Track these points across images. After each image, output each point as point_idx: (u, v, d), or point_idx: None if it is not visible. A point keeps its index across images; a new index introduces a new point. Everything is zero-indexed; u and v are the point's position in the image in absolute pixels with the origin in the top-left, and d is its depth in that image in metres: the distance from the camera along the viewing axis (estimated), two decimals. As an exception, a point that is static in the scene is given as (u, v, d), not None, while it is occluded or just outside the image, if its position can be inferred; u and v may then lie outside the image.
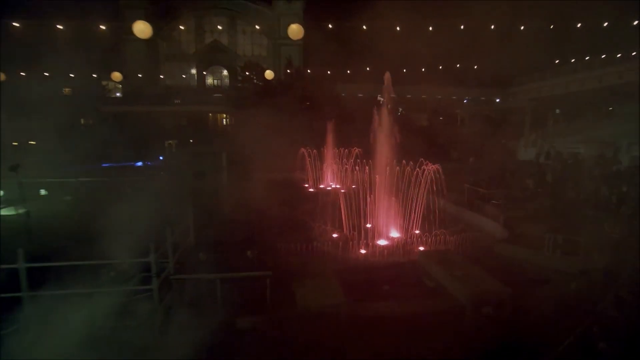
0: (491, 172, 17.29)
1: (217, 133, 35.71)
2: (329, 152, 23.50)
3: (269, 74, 21.96)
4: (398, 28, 31.98)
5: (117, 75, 19.97)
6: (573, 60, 25.38)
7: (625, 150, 21.39)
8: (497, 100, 38.72)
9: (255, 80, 38.88)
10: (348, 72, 42.09)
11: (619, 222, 10.30)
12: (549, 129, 28.12)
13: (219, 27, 49.49)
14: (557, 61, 26.19)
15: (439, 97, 49.10)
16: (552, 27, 21.76)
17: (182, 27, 46.80)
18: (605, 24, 21.15)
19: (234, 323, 6.57)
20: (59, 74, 24.60)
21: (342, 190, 18.66)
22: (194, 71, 50.70)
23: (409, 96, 43.21)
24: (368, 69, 39.18)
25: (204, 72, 49.23)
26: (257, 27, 48.88)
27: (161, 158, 26.68)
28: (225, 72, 51.10)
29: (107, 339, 6.08)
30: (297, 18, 45.53)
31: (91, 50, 27.90)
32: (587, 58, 24.26)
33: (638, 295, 7.42)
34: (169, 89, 43.68)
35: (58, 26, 21.43)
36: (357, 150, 24.09)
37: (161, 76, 46.51)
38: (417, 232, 12.22)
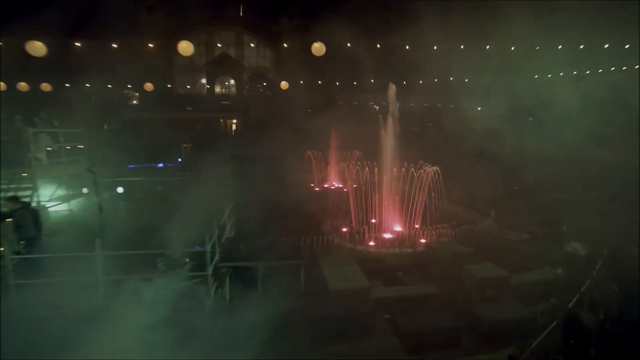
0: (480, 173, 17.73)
1: (227, 137, 35.95)
2: (333, 154, 23.89)
3: (284, 85, 22.22)
4: (390, 44, 32.55)
5: (149, 86, 20.00)
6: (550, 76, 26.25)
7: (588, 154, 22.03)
8: (479, 108, 39.44)
9: (261, 90, 39.34)
10: (343, 82, 42.46)
11: (596, 216, 10.83)
12: (522, 134, 28.75)
13: (227, 41, 49.78)
14: (535, 76, 27.00)
15: (425, 105, 49.79)
16: (533, 47, 22.41)
17: (193, 41, 47.08)
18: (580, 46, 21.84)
19: (275, 304, 6.91)
20: (94, 86, 24.61)
21: (344, 189, 19.06)
22: (203, 81, 50.79)
23: (399, 104, 43.75)
24: (363, 80, 39.56)
25: (218, 82, 49.52)
26: (262, 41, 49.29)
27: (180, 160, 26.80)
28: (232, 82, 51.25)
29: (168, 318, 6.40)
30: (299, 34, 45.92)
31: (114, 63, 28.13)
32: (561, 74, 25.15)
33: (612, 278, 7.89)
34: (183, 97, 43.80)
35: (84, 45, 21.66)
36: (358, 153, 24.50)
37: (173, 85, 46.67)
38: (417, 226, 12.66)
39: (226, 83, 50.24)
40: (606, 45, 20.55)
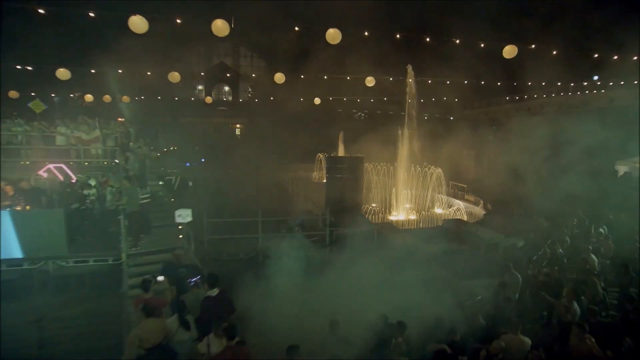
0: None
1: (236, 141, 38.71)
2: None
3: (317, 101, 25.33)
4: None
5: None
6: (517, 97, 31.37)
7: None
8: (451, 118, 44.48)
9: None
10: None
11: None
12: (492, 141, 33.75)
13: (224, 51, 52.44)
14: (507, 98, 32.00)
15: (402, 113, 54.51)
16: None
17: (192, 51, 49.50)
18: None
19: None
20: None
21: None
22: (200, 87, 52.98)
23: (379, 112, 47.94)
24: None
25: (215, 89, 51.93)
26: (256, 52, 52.36)
27: (202, 160, 29.36)
28: (227, 89, 53.85)
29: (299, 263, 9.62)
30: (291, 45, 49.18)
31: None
32: (525, 96, 30.33)
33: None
34: (187, 103, 45.87)
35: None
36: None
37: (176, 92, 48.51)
38: (425, 211, 16.67)
39: (225, 89, 52.87)
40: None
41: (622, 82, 21.79)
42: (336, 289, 7.61)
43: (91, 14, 9.35)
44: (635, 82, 20.50)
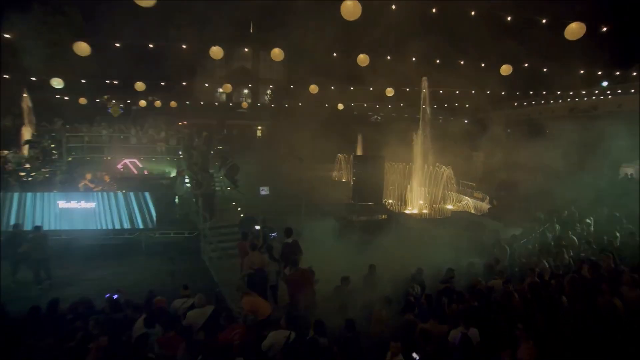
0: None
1: (257, 141, 41.81)
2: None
3: (340, 106, 28.14)
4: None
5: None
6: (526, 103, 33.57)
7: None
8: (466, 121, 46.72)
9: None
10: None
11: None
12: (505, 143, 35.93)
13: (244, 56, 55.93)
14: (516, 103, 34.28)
15: (417, 116, 56.82)
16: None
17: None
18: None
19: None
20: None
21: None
22: (220, 90, 56.41)
23: (394, 115, 50.41)
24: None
25: (236, 92, 55.37)
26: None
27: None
28: (246, 91, 57.25)
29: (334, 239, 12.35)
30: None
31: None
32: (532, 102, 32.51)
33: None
34: (210, 105, 49.30)
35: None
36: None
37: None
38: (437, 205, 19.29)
39: (244, 92, 56.23)
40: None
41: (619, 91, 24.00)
42: (367, 255, 10.40)
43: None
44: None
